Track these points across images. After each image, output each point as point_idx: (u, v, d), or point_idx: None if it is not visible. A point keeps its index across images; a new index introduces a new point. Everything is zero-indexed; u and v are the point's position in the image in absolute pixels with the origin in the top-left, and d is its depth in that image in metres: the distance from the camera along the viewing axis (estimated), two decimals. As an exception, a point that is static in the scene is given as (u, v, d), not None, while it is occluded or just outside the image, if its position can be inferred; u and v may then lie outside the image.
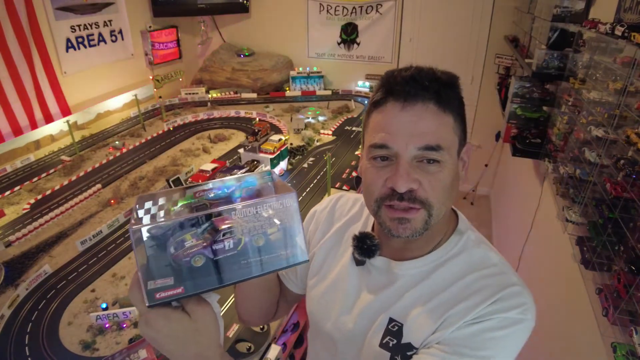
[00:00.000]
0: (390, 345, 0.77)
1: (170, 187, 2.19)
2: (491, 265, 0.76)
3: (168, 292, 0.54)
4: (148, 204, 0.58)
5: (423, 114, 0.70)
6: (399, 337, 0.76)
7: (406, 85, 0.70)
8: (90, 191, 2.66)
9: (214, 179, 2.33)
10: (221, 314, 0.63)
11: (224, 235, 0.55)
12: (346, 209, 0.98)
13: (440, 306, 0.74)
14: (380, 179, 0.73)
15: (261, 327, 1.59)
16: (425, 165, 0.71)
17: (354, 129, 3.70)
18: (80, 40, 3.64)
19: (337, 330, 0.86)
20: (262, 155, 2.74)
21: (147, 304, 0.54)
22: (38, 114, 3.35)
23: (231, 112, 4.11)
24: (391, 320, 0.78)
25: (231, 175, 2.31)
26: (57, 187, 2.74)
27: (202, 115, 4.03)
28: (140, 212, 0.56)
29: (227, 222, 0.55)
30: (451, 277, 0.77)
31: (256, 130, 2.81)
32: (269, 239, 0.57)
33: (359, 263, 0.85)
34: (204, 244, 0.55)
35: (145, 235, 0.53)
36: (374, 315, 0.81)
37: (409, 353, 0.75)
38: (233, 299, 1.61)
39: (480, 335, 0.69)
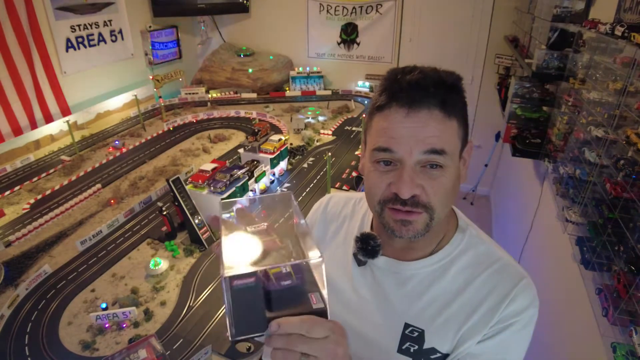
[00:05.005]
0: (412, 350, 0.78)
1: (170, 187, 2.19)
2: (498, 259, 0.80)
3: None
4: None
5: (428, 120, 0.69)
6: (421, 342, 0.78)
7: (411, 91, 0.68)
8: (90, 191, 2.66)
9: (214, 178, 2.34)
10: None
11: None
12: (338, 210, 0.98)
13: (460, 311, 0.77)
14: (383, 183, 0.73)
15: (247, 347, 1.60)
16: (428, 170, 0.71)
17: (354, 129, 3.70)
18: (80, 40, 3.65)
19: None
20: (262, 155, 2.74)
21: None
22: (38, 114, 3.35)
23: (231, 112, 4.12)
24: (407, 325, 0.79)
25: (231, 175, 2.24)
26: (57, 187, 2.74)
27: (202, 115, 4.03)
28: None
29: None
30: (464, 278, 0.79)
31: (256, 130, 2.81)
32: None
33: (361, 263, 0.85)
34: None
35: None
36: (386, 319, 0.81)
37: (432, 356, 0.77)
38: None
39: (507, 342, 0.75)
